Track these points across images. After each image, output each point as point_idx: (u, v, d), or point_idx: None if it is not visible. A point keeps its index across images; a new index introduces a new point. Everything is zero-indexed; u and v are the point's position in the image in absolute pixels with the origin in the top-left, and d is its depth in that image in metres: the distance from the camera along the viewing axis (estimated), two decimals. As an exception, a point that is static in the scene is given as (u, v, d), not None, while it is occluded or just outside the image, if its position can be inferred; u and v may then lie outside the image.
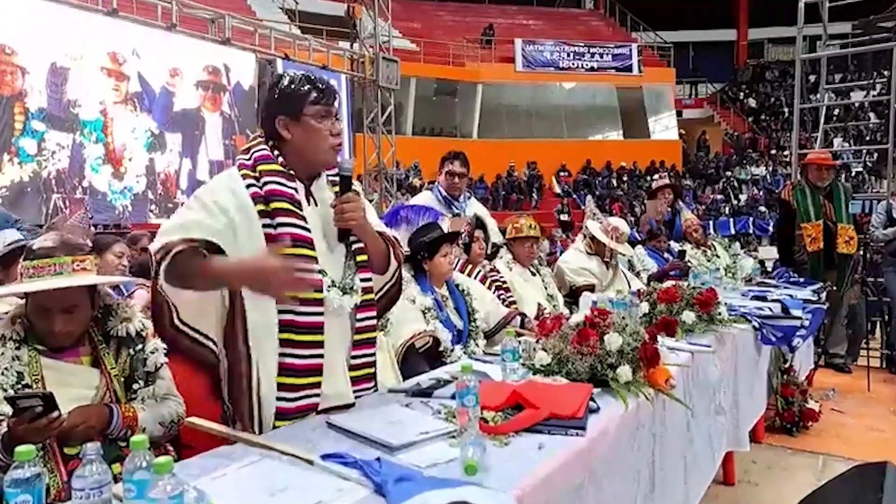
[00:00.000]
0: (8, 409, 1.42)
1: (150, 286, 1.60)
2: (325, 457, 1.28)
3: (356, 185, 1.76)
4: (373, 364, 1.81)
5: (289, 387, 1.59)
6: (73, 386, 1.60)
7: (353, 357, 1.73)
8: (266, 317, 1.59)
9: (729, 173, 18.83)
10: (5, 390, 1.50)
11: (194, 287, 1.55)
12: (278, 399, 1.58)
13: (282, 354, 1.59)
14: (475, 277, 3.23)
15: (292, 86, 1.65)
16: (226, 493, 1.12)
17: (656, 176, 5.29)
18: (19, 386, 1.53)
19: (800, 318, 3.21)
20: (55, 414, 1.42)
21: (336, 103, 1.69)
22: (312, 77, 1.69)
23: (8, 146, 6.20)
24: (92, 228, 5.25)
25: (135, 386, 1.68)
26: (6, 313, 1.71)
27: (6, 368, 1.53)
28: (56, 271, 1.55)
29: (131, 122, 7.29)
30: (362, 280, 1.73)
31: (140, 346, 1.71)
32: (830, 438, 3.56)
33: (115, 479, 1.11)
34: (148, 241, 4.14)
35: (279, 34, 9.44)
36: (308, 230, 1.63)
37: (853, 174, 16.07)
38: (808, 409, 3.63)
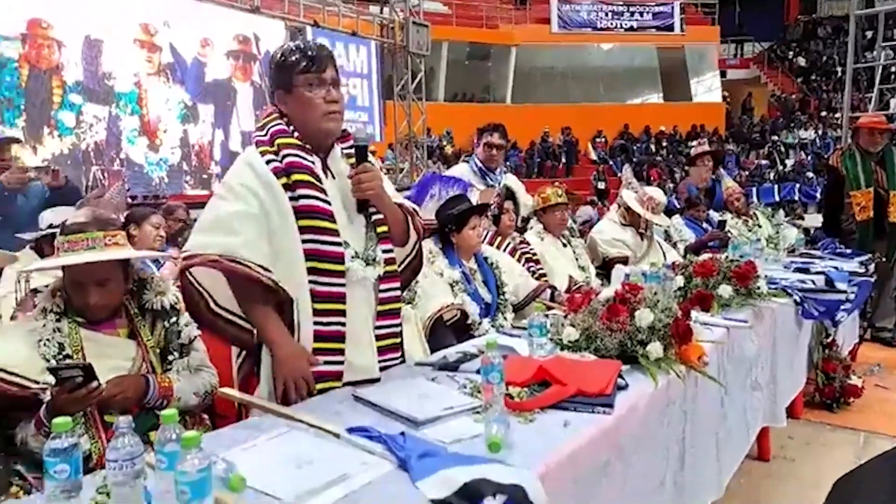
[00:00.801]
0: (51, 378, 1.48)
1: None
2: (351, 430, 1.30)
3: (370, 158, 1.75)
4: (398, 335, 1.82)
5: (312, 352, 1.62)
6: (111, 357, 1.64)
7: (378, 328, 1.75)
8: (300, 290, 1.61)
9: (775, 137, 18.07)
10: (48, 360, 1.56)
11: (240, 305, 1.63)
12: None
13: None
14: (504, 250, 3.19)
15: (283, 58, 1.65)
16: (254, 465, 1.14)
17: (696, 142, 5.10)
18: (60, 356, 1.58)
19: (845, 291, 3.09)
20: (94, 384, 1.47)
21: (331, 69, 1.65)
22: (303, 46, 1.67)
23: (48, 119, 6.34)
24: (129, 200, 5.38)
25: (170, 357, 1.72)
26: (47, 286, 1.77)
27: (48, 339, 1.59)
28: (89, 246, 1.59)
29: (165, 94, 7.36)
30: (384, 251, 1.74)
31: (174, 319, 1.75)
32: (873, 415, 3.44)
33: (153, 447, 1.15)
34: (183, 211, 4.22)
35: (308, 1, 9.35)
36: (328, 202, 1.63)
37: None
38: (850, 385, 3.52)
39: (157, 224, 3.18)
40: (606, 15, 18.64)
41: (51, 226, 2.69)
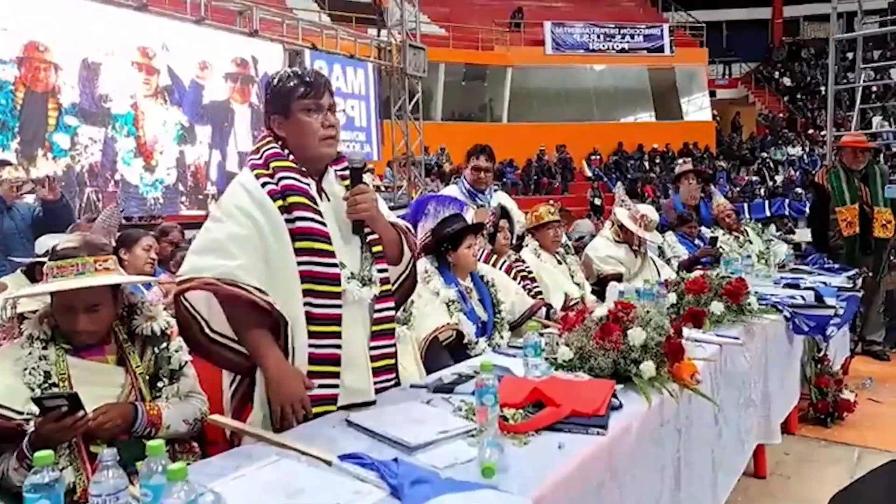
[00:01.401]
0: (35, 409, 1.45)
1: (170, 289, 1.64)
2: (343, 457, 1.29)
3: (366, 178, 1.77)
4: (393, 355, 1.81)
5: (308, 375, 1.61)
6: (99, 384, 1.62)
7: (372, 348, 1.74)
8: (295, 311, 1.61)
9: (764, 154, 18.28)
10: (33, 389, 1.53)
11: (234, 328, 1.63)
12: None
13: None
14: (500, 268, 3.20)
15: (280, 84, 1.67)
16: (243, 495, 1.13)
17: (679, 161, 5.19)
18: (46, 385, 1.55)
19: (833, 307, 3.11)
20: (80, 413, 1.45)
21: (328, 95, 1.68)
22: (300, 72, 1.70)
23: (42, 141, 6.35)
24: (124, 221, 5.38)
25: (159, 384, 1.70)
26: (35, 312, 1.76)
27: (34, 367, 1.56)
28: (78, 271, 1.58)
29: (162, 116, 7.39)
30: (379, 271, 1.75)
31: (164, 345, 1.73)
32: (867, 430, 3.45)
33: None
34: (178, 233, 4.22)
35: (307, 24, 9.45)
36: (324, 224, 1.64)
37: (893, 154, 15.42)
38: (843, 400, 3.52)
39: (147, 246, 3.14)
40: (598, 37, 18.92)
41: (47, 251, 2.69)
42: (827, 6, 6.42)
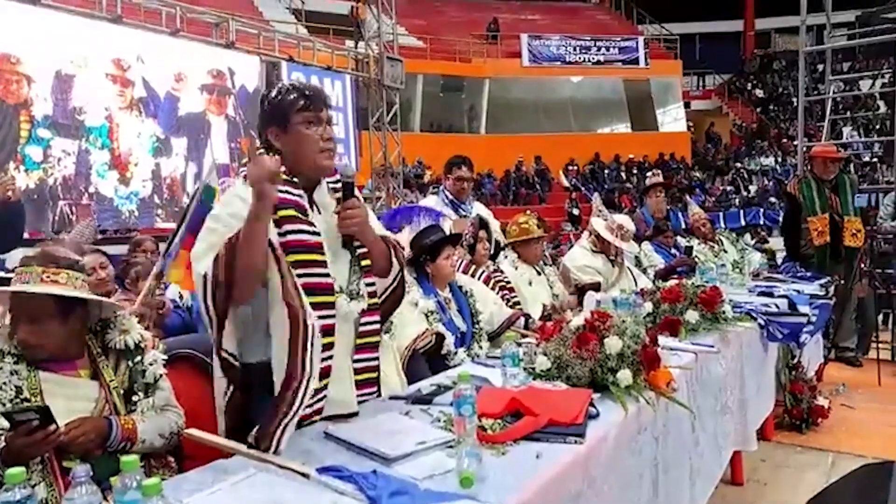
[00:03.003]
0: (6, 424, 1.42)
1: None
2: (321, 470, 1.28)
3: (357, 193, 1.78)
4: (376, 369, 1.81)
5: None
6: (73, 399, 1.59)
7: (356, 361, 1.74)
8: (281, 327, 1.56)
9: (738, 164, 18.66)
10: (4, 405, 1.50)
11: (250, 258, 1.51)
12: None
13: None
14: (478, 278, 3.21)
15: (279, 96, 1.68)
16: (220, 510, 1.12)
17: (649, 174, 5.28)
18: (18, 400, 1.52)
19: (806, 314, 3.17)
20: (52, 427, 1.42)
21: (326, 109, 1.69)
22: (300, 85, 1.71)
23: (14, 154, 6.25)
24: (99, 235, 5.29)
25: (134, 398, 1.67)
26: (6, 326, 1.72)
27: (5, 383, 1.53)
28: (23, 280, 1.57)
29: (137, 128, 7.32)
30: (367, 285, 1.75)
31: (139, 358, 1.70)
32: (841, 435, 3.52)
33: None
34: (151, 244, 4.14)
35: (283, 36, 9.46)
36: (318, 234, 1.64)
37: (863, 163, 15.86)
38: (817, 406, 3.59)
39: (93, 266, 2.92)
40: (574, 49, 19.21)
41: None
42: (797, 19, 6.59)
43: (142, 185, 7.38)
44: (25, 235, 3.57)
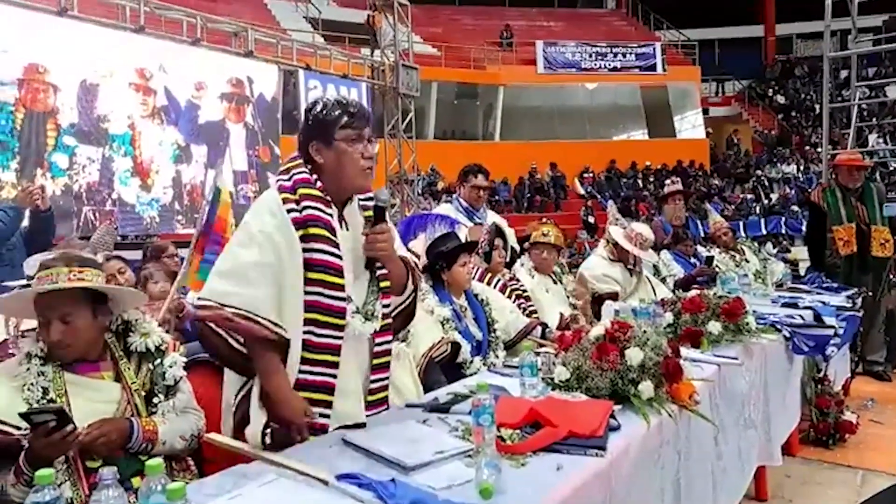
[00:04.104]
0: (27, 424, 1.45)
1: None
2: (340, 477, 1.28)
3: (388, 217, 1.79)
4: (387, 388, 1.83)
5: None
6: (95, 401, 1.62)
7: (372, 381, 1.75)
8: (293, 335, 1.62)
9: (759, 172, 18.42)
10: (31, 405, 1.53)
11: (248, 348, 1.62)
12: None
13: (298, 371, 1.62)
14: (495, 286, 3.20)
15: (324, 111, 1.69)
16: (240, 517, 1.12)
17: (668, 181, 5.21)
18: (44, 400, 1.56)
19: (833, 326, 3.10)
20: (69, 428, 1.45)
21: (369, 126, 1.71)
22: (345, 101, 1.73)
23: (41, 161, 6.38)
24: (119, 239, 5.36)
25: (155, 400, 1.70)
26: (34, 329, 1.75)
27: (32, 384, 1.57)
28: (51, 281, 1.59)
29: (158, 136, 7.43)
30: (383, 306, 1.76)
31: (159, 360, 1.73)
32: (869, 451, 3.40)
33: (137, 494, 1.12)
34: (173, 248, 4.17)
35: (301, 45, 9.54)
36: (340, 257, 1.66)
37: (889, 171, 15.56)
38: (844, 421, 3.48)
39: (112, 272, 2.85)
40: (590, 56, 19.15)
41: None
42: (820, 24, 6.47)
43: (163, 192, 7.48)
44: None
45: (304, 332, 1.61)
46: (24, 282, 2.66)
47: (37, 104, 6.37)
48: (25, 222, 3.44)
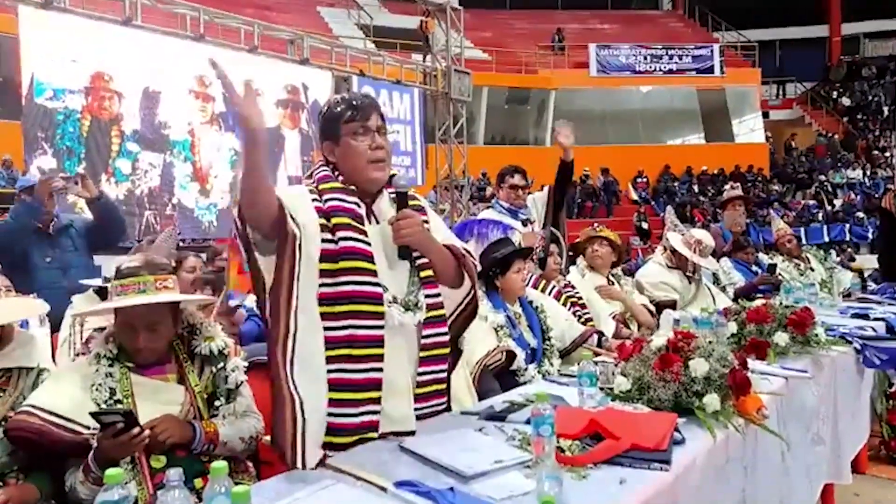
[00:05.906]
0: (97, 424, 1.50)
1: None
2: (399, 484, 1.27)
3: (422, 201, 1.77)
4: (443, 381, 1.77)
5: (347, 402, 1.55)
6: (160, 402, 1.66)
7: (420, 373, 1.70)
8: (315, 344, 1.56)
9: (822, 177, 17.61)
10: (99, 405, 1.59)
11: (255, 183, 1.57)
12: (336, 415, 1.55)
13: (339, 370, 1.56)
14: (549, 293, 3.15)
15: (329, 110, 1.70)
16: (300, 520, 1.12)
17: (727, 186, 5.03)
18: (112, 401, 1.61)
19: (909, 339, 2.93)
20: (136, 430, 1.49)
21: (377, 117, 1.68)
22: (349, 96, 1.72)
23: (106, 167, 6.69)
24: (180, 243, 5.56)
25: (216, 403, 1.73)
26: (102, 329, 1.82)
27: (100, 384, 1.62)
28: (140, 289, 1.64)
29: (216, 142, 7.68)
30: (428, 296, 1.70)
31: (222, 364, 1.76)
32: (945, 471, 3.22)
33: (199, 495, 1.14)
34: (226, 252, 4.30)
35: (354, 51, 9.69)
36: (368, 244, 1.63)
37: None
38: (918, 438, 3.30)
39: (191, 268, 3.10)
40: (645, 59, 18.73)
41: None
42: (891, 22, 6.14)
43: (220, 197, 7.72)
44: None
45: (346, 328, 1.57)
46: (100, 282, 2.79)
47: (102, 111, 6.67)
48: (79, 224, 3.49)
